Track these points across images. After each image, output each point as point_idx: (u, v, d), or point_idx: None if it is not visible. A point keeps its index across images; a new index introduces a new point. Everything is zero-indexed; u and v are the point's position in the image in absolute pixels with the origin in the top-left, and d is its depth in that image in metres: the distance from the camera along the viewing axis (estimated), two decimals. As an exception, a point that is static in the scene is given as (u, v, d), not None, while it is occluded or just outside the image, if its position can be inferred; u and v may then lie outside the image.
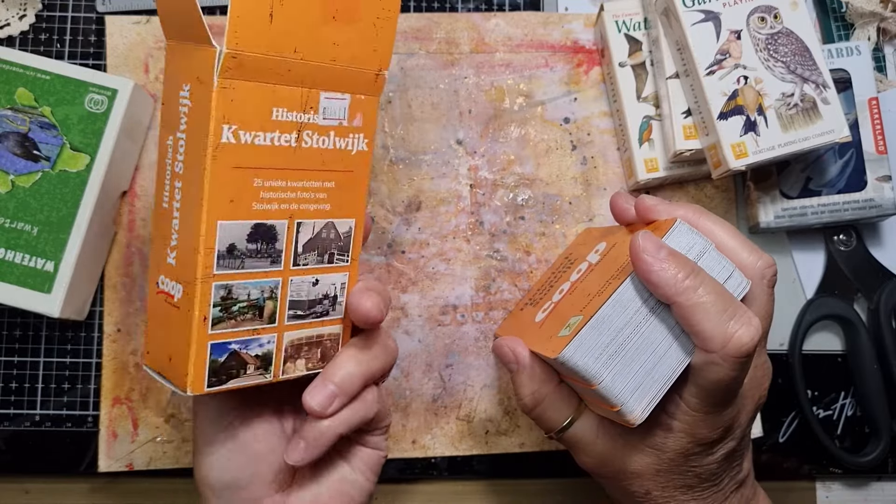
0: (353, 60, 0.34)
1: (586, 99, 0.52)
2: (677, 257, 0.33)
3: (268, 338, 0.35)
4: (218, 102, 0.30)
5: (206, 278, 0.32)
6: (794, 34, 0.45)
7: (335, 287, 0.37)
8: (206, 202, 0.31)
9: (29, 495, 0.49)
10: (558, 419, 0.38)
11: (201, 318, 0.32)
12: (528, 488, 0.51)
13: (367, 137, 0.36)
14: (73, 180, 0.44)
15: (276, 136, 0.33)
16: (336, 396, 0.35)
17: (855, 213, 0.50)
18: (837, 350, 0.53)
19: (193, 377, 0.33)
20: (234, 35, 0.30)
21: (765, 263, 0.37)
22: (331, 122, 0.34)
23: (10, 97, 0.44)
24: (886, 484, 0.53)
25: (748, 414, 0.37)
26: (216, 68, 0.30)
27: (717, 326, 0.32)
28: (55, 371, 0.48)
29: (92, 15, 0.50)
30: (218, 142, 0.31)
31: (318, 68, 0.33)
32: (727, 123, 0.44)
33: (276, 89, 0.32)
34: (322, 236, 0.36)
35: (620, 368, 0.33)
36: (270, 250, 0.34)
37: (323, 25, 0.32)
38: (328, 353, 0.37)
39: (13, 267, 0.43)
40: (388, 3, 0.35)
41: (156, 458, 0.47)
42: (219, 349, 0.33)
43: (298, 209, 0.34)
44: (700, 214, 0.38)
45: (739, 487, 0.39)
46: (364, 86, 0.35)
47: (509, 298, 0.50)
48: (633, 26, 0.50)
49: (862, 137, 0.50)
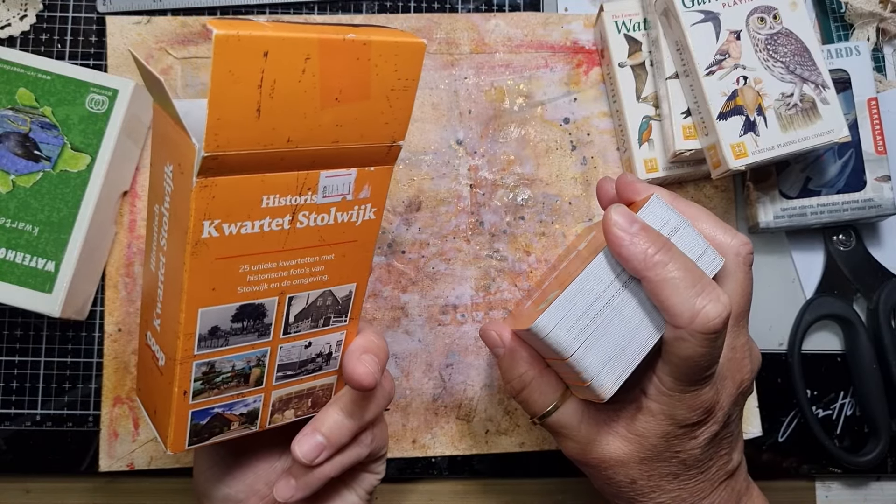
0: (361, 138, 0.30)
1: (586, 99, 0.52)
2: (649, 232, 0.33)
3: (254, 398, 0.34)
4: (197, 202, 0.28)
5: (185, 360, 0.31)
6: (793, 34, 0.45)
7: (330, 345, 0.35)
8: (186, 293, 0.29)
9: (30, 495, 0.49)
10: (543, 403, 0.38)
11: (181, 393, 0.32)
12: (528, 488, 0.51)
13: (375, 206, 0.33)
14: (73, 180, 0.44)
15: (266, 223, 0.30)
16: (324, 448, 0.35)
17: (854, 213, 0.50)
18: (837, 350, 0.53)
19: (174, 439, 0.33)
20: (213, 138, 0.26)
21: (739, 242, 0.37)
22: (332, 199, 0.31)
23: (11, 97, 0.44)
24: (886, 483, 0.53)
25: (729, 396, 0.36)
26: (195, 169, 0.27)
27: (685, 302, 0.32)
28: (56, 371, 0.48)
29: (93, 15, 0.50)
30: (198, 238, 0.29)
31: (318, 152, 0.29)
32: (727, 123, 0.44)
33: (266, 178, 0.29)
34: (317, 304, 0.34)
35: (592, 341, 0.33)
36: (258, 326, 0.32)
37: (322, 110, 0.28)
38: (320, 402, 0.36)
39: (14, 267, 0.43)
40: (406, 71, 0.30)
41: (156, 457, 0.47)
42: (201, 414, 0.33)
43: (290, 285, 0.32)
44: (675, 198, 0.38)
45: (729, 478, 0.38)
46: (374, 158, 0.31)
47: (509, 298, 0.50)
48: (633, 27, 0.50)
49: (861, 138, 0.50)
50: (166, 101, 0.28)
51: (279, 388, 0.35)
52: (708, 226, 0.37)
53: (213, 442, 0.34)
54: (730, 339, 0.36)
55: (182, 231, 0.29)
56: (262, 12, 0.51)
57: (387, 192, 0.33)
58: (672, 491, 0.37)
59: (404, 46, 0.29)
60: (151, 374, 0.34)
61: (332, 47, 0.27)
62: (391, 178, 0.33)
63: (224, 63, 0.26)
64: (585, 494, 0.51)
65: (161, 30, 0.49)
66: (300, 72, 0.27)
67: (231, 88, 0.26)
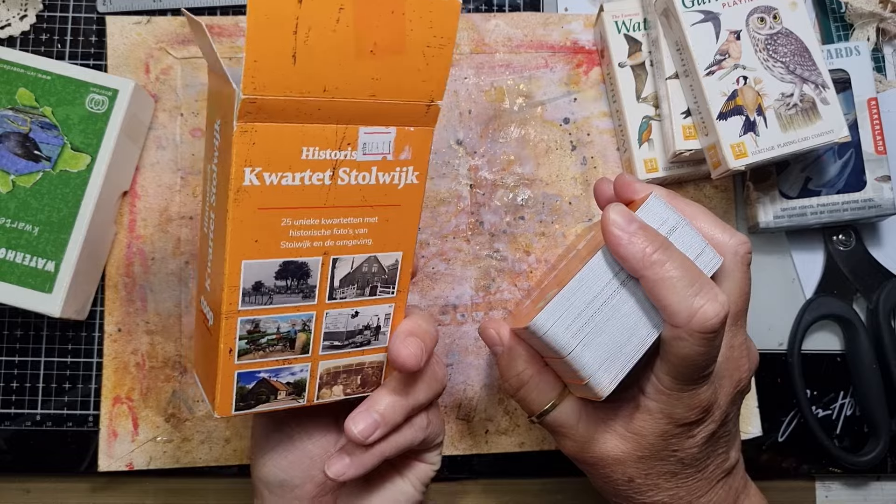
0: (398, 94, 0.31)
1: (586, 99, 0.52)
2: (647, 231, 0.34)
3: (300, 367, 0.34)
4: (238, 147, 0.29)
5: (230, 315, 0.32)
6: (793, 34, 0.45)
7: (378, 318, 0.35)
8: (230, 243, 0.30)
9: (30, 495, 0.49)
10: (541, 402, 0.38)
11: (227, 350, 0.32)
12: (528, 488, 0.51)
13: (417, 170, 0.33)
14: (73, 180, 0.44)
15: (307, 176, 0.31)
16: (379, 426, 0.35)
17: (854, 213, 0.50)
18: (836, 350, 0.53)
19: (220, 401, 0.33)
20: (251, 80, 0.28)
21: (738, 241, 0.37)
22: (372, 158, 0.32)
23: (11, 97, 0.44)
24: (885, 483, 0.53)
25: (727, 395, 0.37)
26: (234, 113, 0.28)
27: (683, 301, 0.32)
28: (56, 371, 0.48)
29: (93, 15, 0.50)
30: (240, 185, 0.30)
31: (355, 105, 0.30)
32: (726, 124, 0.44)
33: (305, 128, 0.30)
34: (363, 270, 0.34)
35: (590, 340, 0.33)
36: (302, 286, 0.33)
37: (358, 60, 0.29)
38: (369, 381, 0.36)
39: (14, 267, 0.43)
40: (442, 29, 0.30)
41: (156, 457, 0.47)
42: (247, 377, 0.33)
43: (334, 245, 0.33)
44: (674, 196, 0.38)
45: (726, 476, 0.38)
46: (413, 117, 0.32)
47: (509, 298, 0.50)
48: (633, 27, 0.50)
49: (861, 138, 0.50)
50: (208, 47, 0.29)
51: (326, 358, 0.35)
52: (706, 224, 0.37)
53: (260, 411, 0.34)
54: (728, 338, 0.36)
55: (225, 180, 0.30)
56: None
57: (428, 156, 0.33)
58: (670, 489, 0.37)
59: (438, 3, 0.30)
60: (204, 340, 0.35)
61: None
62: (431, 141, 0.33)
63: (260, 7, 0.27)
64: (584, 494, 0.51)
65: (161, 30, 0.49)
66: (334, 21, 0.28)
67: (267, 32, 0.27)
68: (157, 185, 0.49)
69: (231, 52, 0.50)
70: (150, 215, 0.49)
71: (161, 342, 0.48)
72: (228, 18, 0.50)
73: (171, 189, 0.49)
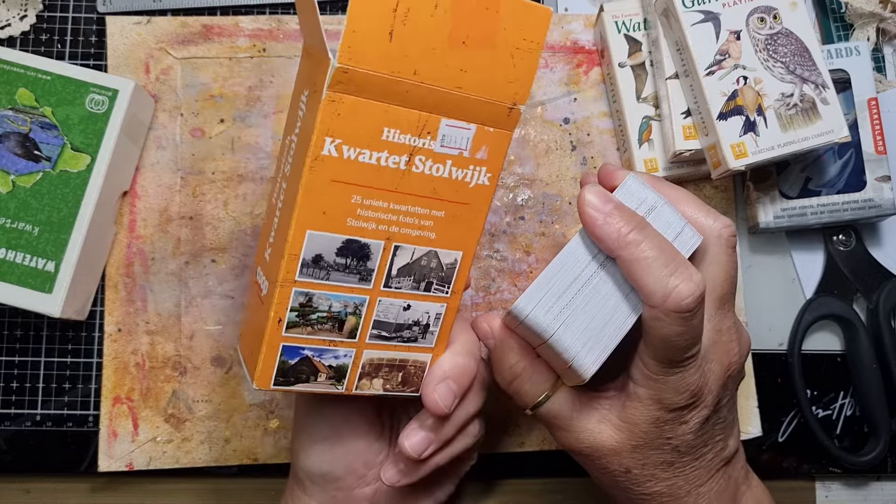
0: (483, 90, 0.32)
1: (586, 99, 0.52)
2: (623, 211, 0.34)
3: (345, 351, 0.34)
4: (323, 115, 0.30)
5: (285, 283, 0.32)
6: (793, 34, 0.45)
7: (429, 315, 0.35)
8: (298, 210, 0.31)
9: (30, 495, 0.49)
10: (534, 393, 0.38)
11: (276, 320, 0.32)
12: (528, 488, 0.51)
13: (490, 172, 0.34)
14: (73, 180, 0.44)
15: (384, 157, 0.31)
16: (432, 443, 0.36)
17: (854, 214, 0.50)
18: (837, 350, 0.53)
19: (261, 372, 0.33)
20: (347, 50, 0.29)
21: (721, 224, 0.37)
22: (449, 151, 0.32)
23: (11, 97, 0.44)
24: (886, 483, 0.53)
25: (718, 380, 0.36)
26: (326, 81, 0.29)
27: (658, 281, 0.32)
28: (56, 371, 0.48)
29: (93, 15, 0.50)
30: (318, 153, 0.30)
31: (441, 94, 0.31)
32: (727, 124, 0.44)
33: (390, 109, 0.31)
34: (421, 263, 0.34)
35: (571, 321, 0.33)
36: (360, 267, 0.33)
37: (450, 50, 0.30)
38: (410, 380, 0.36)
39: (14, 267, 0.43)
40: (532, 32, 0.31)
41: (156, 457, 0.47)
42: (290, 352, 0.33)
43: (398, 232, 0.33)
44: (657, 181, 0.38)
45: (725, 465, 0.38)
46: (494, 118, 0.33)
47: (509, 298, 0.50)
48: (633, 27, 0.50)
49: (861, 138, 0.50)
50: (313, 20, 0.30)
51: (372, 347, 0.35)
52: (690, 208, 0.37)
53: (298, 390, 0.34)
54: (715, 322, 0.36)
55: (305, 147, 0.30)
56: (262, 12, 0.51)
57: (503, 161, 0.34)
58: (667, 479, 0.37)
59: (532, 7, 0.31)
60: (253, 312, 0.35)
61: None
62: (508, 145, 0.34)
63: None
64: (585, 494, 0.51)
65: (161, 30, 0.50)
66: (433, 6, 0.29)
67: (368, 6, 0.28)
68: (157, 185, 0.49)
69: (231, 52, 0.50)
70: (150, 215, 0.49)
71: (161, 342, 0.48)
72: (228, 18, 0.50)
73: (171, 189, 0.49)
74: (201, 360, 0.48)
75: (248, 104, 0.50)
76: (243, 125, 0.49)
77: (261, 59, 0.50)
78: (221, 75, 0.50)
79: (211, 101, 0.49)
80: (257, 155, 0.49)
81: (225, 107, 0.49)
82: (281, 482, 0.45)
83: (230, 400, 0.48)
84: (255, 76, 0.50)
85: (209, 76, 0.49)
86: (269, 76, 0.50)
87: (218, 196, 0.49)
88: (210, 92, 0.49)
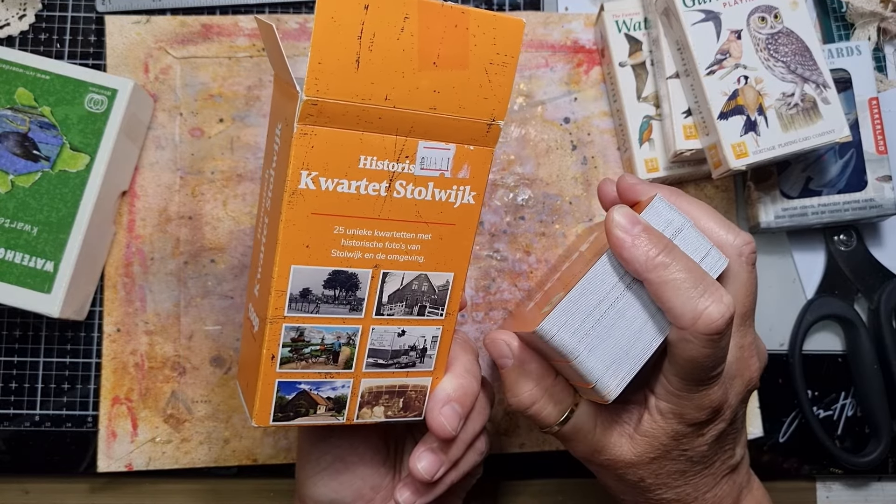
0: (459, 109, 0.31)
1: (586, 99, 0.52)
2: (651, 233, 0.33)
3: (342, 382, 0.34)
4: (297, 149, 0.29)
5: (275, 319, 0.32)
6: (794, 34, 0.45)
7: (425, 339, 0.35)
8: (280, 246, 0.31)
9: (29, 495, 0.49)
10: (557, 415, 0.37)
11: (269, 357, 0.32)
12: (528, 488, 0.51)
13: (474, 190, 0.33)
14: (72, 180, 0.44)
15: (363, 185, 0.31)
16: (442, 463, 0.36)
17: (855, 213, 0.50)
18: (838, 350, 0.53)
19: (259, 409, 0.33)
20: (314, 82, 0.28)
21: (742, 241, 0.36)
22: (430, 173, 0.32)
23: (10, 97, 0.44)
24: (887, 484, 0.53)
25: (738, 395, 0.36)
26: (296, 114, 0.29)
27: (688, 303, 0.32)
28: (55, 371, 0.48)
29: (92, 15, 0.50)
30: (295, 187, 0.30)
31: (416, 116, 0.30)
32: (727, 123, 0.44)
33: (364, 136, 0.30)
34: (413, 288, 0.34)
35: (596, 343, 0.33)
36: (350, 297, 0.33)
37: (420, 71, 0.30)
38: (411, 405, 0.36)
39: (13, 267, 0.43)
40: (505, 46, 0.31)
41: (155, 458, 0.47)
42: (287, 387, 0.33)
43: (386, 259, 0.32)
44: (678, 195, 0.38)
45: (731, 473, 0.38)
46: (473, 136, 0.32)
47: (509, 298, 0.50)
48: (634, 26, 0.50)
49: (862, 137, 0.50)
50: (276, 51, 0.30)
51: (369, 376, 0.34)
52: (711, 223, 0.37)
53: (298, 424, 0.34)
54: (737, 339, 0.36)
55: (282, 182, 0.30)
56: (262, 11, 0.51)
57: (487, 178, 0.33)
58: (678, 487, 0.37)
59: (502, 20, 0.30)
60: (248, 348, 0.35)
61: (430, 10, 0.29)
62: (491, 162, 0.33)
63: (327, 9, 0.27)
64: (585, 494, 0.51)
65: (160, 29, 0.49)
66: (399, 29, 0.29)
67: (332, 35, 0.28)
68: (157, 184, 0.49)
69: (230, 51, 0.49)
70: (150, 215, 0.48)
71: (160, 342, 0.48)
72: (228, 18, 0.50)
73: (170, 189, 0.49)
74: (200, 361, 0.48)
75: (247, 104, 0.49)
76: (242, 125, 0.49)
77: (260, 59, 0.50)
78: (221, 75, 0.49)
79: (210, 100, 0.49)
80: (256, 155, 0.49)
81: (224, 106, 0.49)
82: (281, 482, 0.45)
83: (229, 400, 0.48)
84: (254, 76, 0.50)
85: (208, 76, 0.49)
86: (269, 76, 0.50)
87: (217, 196, 0.49)
88: (209, 91, 0.49)
